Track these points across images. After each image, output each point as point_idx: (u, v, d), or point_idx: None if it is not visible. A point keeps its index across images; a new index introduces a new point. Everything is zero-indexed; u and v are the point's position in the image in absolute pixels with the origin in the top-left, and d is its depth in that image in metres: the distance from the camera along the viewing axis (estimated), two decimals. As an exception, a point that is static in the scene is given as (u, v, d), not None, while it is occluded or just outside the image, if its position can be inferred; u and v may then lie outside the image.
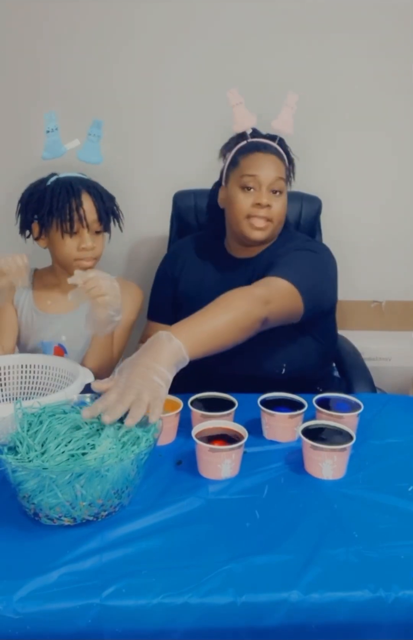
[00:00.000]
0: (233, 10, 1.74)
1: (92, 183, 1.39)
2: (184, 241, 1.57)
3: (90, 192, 1.35)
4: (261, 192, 1.31)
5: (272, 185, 1.31)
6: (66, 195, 1.33)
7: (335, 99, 1.83)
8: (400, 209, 1.98)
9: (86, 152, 1.40)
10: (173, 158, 1.88)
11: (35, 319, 1.47)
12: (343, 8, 1.75)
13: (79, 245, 1.36)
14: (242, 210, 1.33)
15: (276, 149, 1.35)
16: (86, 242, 1.35)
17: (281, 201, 1.34)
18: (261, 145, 1.35)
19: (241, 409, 1.13)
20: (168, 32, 1.77)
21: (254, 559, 0.82)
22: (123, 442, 0.90)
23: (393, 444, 1.12)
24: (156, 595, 0.76)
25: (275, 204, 1.32)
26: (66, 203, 1.32)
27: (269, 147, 1.35)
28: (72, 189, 1.33)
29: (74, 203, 1.32)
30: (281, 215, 1.34)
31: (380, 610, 0.77)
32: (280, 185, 1.32)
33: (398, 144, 1.90)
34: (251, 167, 1.32)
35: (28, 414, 0.96)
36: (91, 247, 1.36)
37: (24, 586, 0.77)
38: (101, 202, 1.36)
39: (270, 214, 1.32)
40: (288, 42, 1.78)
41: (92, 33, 1.77)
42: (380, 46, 1.79)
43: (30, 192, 1.38)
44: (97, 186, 1.39)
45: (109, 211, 1.39)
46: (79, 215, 1.33)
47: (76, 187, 1.34)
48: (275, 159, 1.33)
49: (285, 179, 1.35)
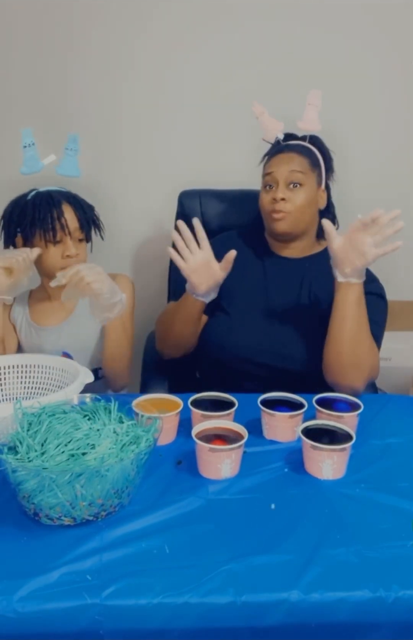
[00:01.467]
0: (240, 6, 1.74)
1: (72, 195, 1.45)
2: (229, 233, 1.58)
3: (70, 202, 1.41)
4: (278, 188, 1.37)
5: (288, 178, 1.37)
6: (47, 206, 1.38)
7: (344, 97, 1.83)
8: (402, 208, 1.97)
9: (64, 167, 1.46)
10: (178, 157, 1.88)
11: (34, 333, 1.51)
12: (343, 5, 1.75)
13: (63, 253, 1.40)
14: (264, 208, 1.41)
15: (300, 146, 1.41)
16: (69, 249, 1.39)
17: (302, 193, 1.38)
18: (284, 147, 1.41)
19: (241, 409, 1.13)
20: (173, 31, 1.77)
21: (254, 558, 0.82)
22: (123, 442, 0.90)
23: (393, 444, 1.12)
24: (156, 595, 0.77)
25: (292, 196, 1.37)
26: (48, 213, 1.37)
27: (292, 147, 1.41)
28: (53, 200, 1.39)
29: (56, 212, 1.38)
30: (302, 206, 1.38)
31: (379, 610, 0.77)
32: (297, 177, 1.37)
33: (409, 138, 1.89)
34: (269, 167, 1.41)
35: (28, 413, 0.96)
36: (75, 254, 1.40)
37: (24, 586, 0.77)
38: (81, 211, 1.42)
39: (284, 207, 1.36)
40: (293, 37, 1.77)
41: (95, 35, 1.77)
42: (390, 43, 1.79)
43: (12, 206, 1.43)
44: (77, 197, 1.45)
45: (89, 220, 1.44)
46: (60, 223, 1.38)
47: (56, 199, 1.40)
48: (294, 155, 1.39)
49: (307, 171, 1.38)
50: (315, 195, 1.41)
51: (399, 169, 1.92)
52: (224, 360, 1.41)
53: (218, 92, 1.61)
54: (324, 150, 1.45)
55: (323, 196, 1.44)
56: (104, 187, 1.76)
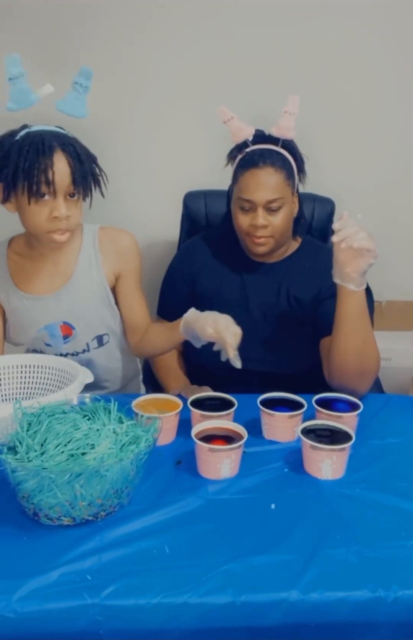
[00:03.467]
0: (246, 9, 1.74)
1: (70, 139, 1.19)
2: (196, 240, 1.55)
3: (65, 150, 1.16)
4: (257, 212, 1.31)
5: (266, 205, 1.31)
6: (35, 153, 1.13)
7: (348, 99, 1.83)
8: (405, 207, 1.98)
9: (68, 103, 1.19)
10: (183, 158, 1.88)
11: (25, 304, 1.33)
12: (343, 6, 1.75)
13: (50, 214, 1.17)
14: (241, 229, 1.36)
15: (276, 157, 1.32)
16: (58, 209, 1.16)
17: (281, 215, 1.33)
18: (258, 158, 1.31)
19: (241, 409, 1.13)
20: (176, 32, 1.77)
21: (253, 559, 0.82)
22: (122, 442, 0.90)
23: (393, 444, 1.12)
24: (155, 595, 0.77)
25: (272, 219, 1.32)
26: (34, 162, 1.13)
27: (266, 158, 1.31)
28: (43, 146, 1.14)
29: (44, 163, 1.13)
30: (281, 227, 1.34)
31: (379, 610, 0.78)
32: (277, 204, 1.31)
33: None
34: (246, 189, 1.31)
35: (28, 413, 0.96)
36: (64, 216, 1.17)
37: (24, 586, 0.77)
38: (77, 162, 1.17)
39: (266, 232, 1.33)
40: (293, 37, 1.77)
41: (96, 35, 1.77)
42: (393, 41, 1.78)
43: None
44: (76, 143, 1.20)
45: (87, 173, 1.19)
46: (47, 177, 1.13)
47: (47, 144, 1.14)
48: (271, 172, 1.30)
49: (284, 189, 1.32)
50: (292, 208, 1.36)
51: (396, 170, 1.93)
52: (210, 368, 1.39)
53: (223, 91, 1.61)
54: (297, 155, 1.37)
55: (296, 202, 1.39)
56: (108, 187, 1.76)
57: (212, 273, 1.47)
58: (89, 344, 1.40)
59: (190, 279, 1.49)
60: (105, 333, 1.40)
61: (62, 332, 1.37)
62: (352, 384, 1.25)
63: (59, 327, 1.36)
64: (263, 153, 1.32)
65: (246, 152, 1.34)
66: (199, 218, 1.69)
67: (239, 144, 1.36)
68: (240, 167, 1.34)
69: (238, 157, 1.36)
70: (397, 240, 2.01)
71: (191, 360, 1.46)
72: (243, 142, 1.35)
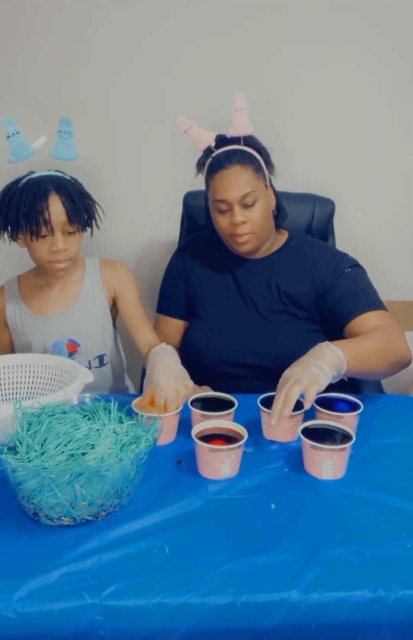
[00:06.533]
0: (248, 12, 1.74)
1: (64, 182, 1.34)
2: (192, 239, 1.59)
3: (59, 193, 1.31)
4: (234, 211, 1.34)
5: (241, 201, 1.33)
6: (32, 198, 1.29)
7: (348, 99, 1.82)
8: (405, 207, 1.97)
9: (59, 151, 1.35)
10: (183, 158, 1.88)
11: (35, 324, 1.46)
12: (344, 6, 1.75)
13: (50, 248, 1.33)
14: (224, 232, 1.38)
15: (240, 155, 1.35)
16: (56, 244, 1.32)
17: (258, 210, 1.35)
18: (223, 160, 1.34)
19: (241, 409, 1.13)
20: (171, 33, 1.76)
21: (254, 559, 0.82)
22: (123, 442, 0.90)
23: (393, 444, 1.12)
24: (155, 595, 0.77)
25: (250, 215, 1.34)
26: (32, 206, 1.29)
27: (231, 158, 1.34)
28: (39, 191, 1.29)
29: (40, 206, 1.29)
30: (260, 222, 1.36)
31: (380, 610, 0.77)
32: (249, 198, 1.33)
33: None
34: (218, 191, 1.34)
35: (28, 413, 0.96)
36: (62, 250, 1.33)
37: (24, 586, 0.77)
38: (71, 202, 1.31)
39: (246, 228, 1.34)
40: (289, 36, 1.77)
41: (95, 35, 1.77)
42: (395, 39, 1.77)
43: (4, 193, 1.35)
44: (69, 184, 1.34)
45: (80, 211, 1.33)
46: (44, 219, 1.29)
47: (43, 189, 1.30)
48: (238, 169, 1.33)
49: (255, 183, 1.34)
50: (267, 201, 1.38)
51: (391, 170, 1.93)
52: (208, 365, 1.41)
53: (222, 90, 1.60)
54: (261, 149, 1.39)
55: (271, 195, 1.41)
56: (107, 188, 1.75)
57: (205, 270, 1.50)
58: (91, 362, 1.49)
59: (186, 276, 1.52)
60: (105, 353, 1.50)
61: (68, 349, 1.46)
62: (385, 376, 1.30)
63: (65, 345, 1.46)
64: (228, 154, 1.35)
65: (212, 157, 1.37)
66: (199, 218, 1.69)
67: (205, 150, 1.39)
68: (209, 172, 1.38)
69: (206, 163, 1.39)
70: (397, 241, 2.01)
71: (191, 360, 1.46)
72: (207, 148, 1.38)
